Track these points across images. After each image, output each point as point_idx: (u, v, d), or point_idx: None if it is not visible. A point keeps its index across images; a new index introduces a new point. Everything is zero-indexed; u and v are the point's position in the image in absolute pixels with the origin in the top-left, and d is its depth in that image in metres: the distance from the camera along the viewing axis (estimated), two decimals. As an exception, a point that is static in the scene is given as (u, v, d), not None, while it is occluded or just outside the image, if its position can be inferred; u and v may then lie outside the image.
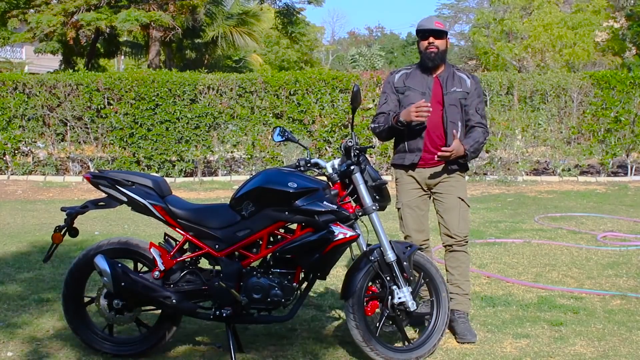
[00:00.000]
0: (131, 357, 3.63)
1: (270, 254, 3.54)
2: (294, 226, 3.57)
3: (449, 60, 4.24)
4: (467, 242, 4.10)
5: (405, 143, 4.04)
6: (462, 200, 4.07)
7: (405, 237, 4.14)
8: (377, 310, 3.63)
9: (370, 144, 11.96)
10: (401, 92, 4.09)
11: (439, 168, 4.04)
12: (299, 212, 3.43)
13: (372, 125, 4.17)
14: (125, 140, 12.16)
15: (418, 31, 4.05)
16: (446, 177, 4.05)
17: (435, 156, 3.89)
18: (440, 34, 3.99)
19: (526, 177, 12.16)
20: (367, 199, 3.54)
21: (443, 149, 3.85)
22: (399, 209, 4.15)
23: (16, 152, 12.47)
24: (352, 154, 3.56)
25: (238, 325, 3.79)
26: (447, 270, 4.13)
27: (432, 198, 4.14)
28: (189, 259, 3.59)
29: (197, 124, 12.13)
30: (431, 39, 3.98)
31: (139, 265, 3.69)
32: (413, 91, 4.04)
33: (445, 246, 4.14)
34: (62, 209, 3.64)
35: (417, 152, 4.02)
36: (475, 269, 5.53)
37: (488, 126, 4.13)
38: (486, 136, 4.06)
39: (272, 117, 12.21)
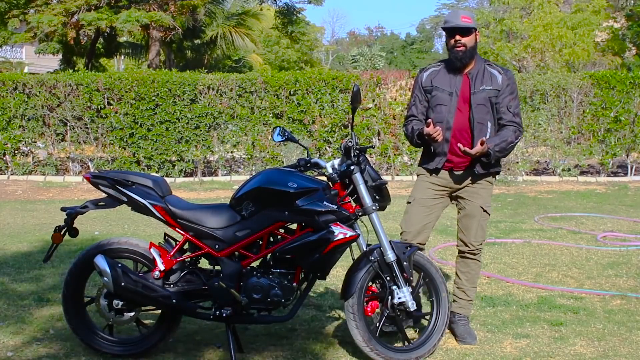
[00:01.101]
0: (131, 357, 3.63)
1: (270, 254, 3.54)
2: (294, 226, 3.57)
3: None
4: (480, 250, 4.02)
5: (431, 146, 3.87)
6: (484, 210, 3.94)
7: (401, 233, 3.99)
8: (377, 310, 3.64)
9: (370, 144, 11.96)
10: (429, 92, 3.90)
11: (466, 172, 3.88)
12: (299, 212, 3.43)
13: (404, 130, 4.04)
14: (125, 140, 12.16)
15: (444, 28, 3.82)
16: (472, 183, 3.91)
17: (459, 145, 3.71)
18: (468, 31, 3.75)
19: (526, 177, 12.16)
20: (367, 199, 3.54)
21: (465, 149, 3.68)
22: (409, 202, 3.99)
23: (16, 152, 12.46)
24: (352, 154, 3.55)
25: (238, 325, 3.79)
26: (456, 274, 4.09)
27: (454, 200, 4.01)
28: (189, 259, 3.59)
29: (197, 124, 12.13)
30: (458, 37, 3.75)
31: (139, 265, 3.69)
32: (441, 91, 3.85)
33: (459, 251, 4.07)
34: (62, 209, 3.64)
35: (442, 156, 3.86)
36: (475, 269, 5.53)
37: (522, 124, 3.92)
38: (518, 135, 3.82)
39: (272, 117, 12.21)
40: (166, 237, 3.70)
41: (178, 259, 3.57)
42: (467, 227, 3.96)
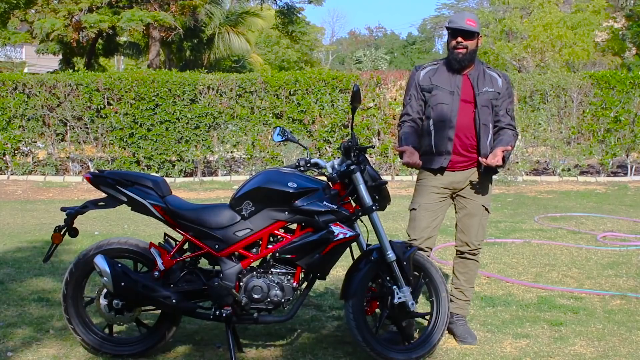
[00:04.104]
0: (131, 357, 3.63)
1: (270, 254, 3.54)
2: (294, 226, 3.57)
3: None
4: (480, 250, 4.01)
5: (433, 145, 3.82)
6: (486, 208, 3.93)
7: (410, 241, 3.92)
8: (377, 310, 3.64)
9: (370, 144, 11.96)
10: (427, 91, 3.85)
11: (470, 172, 3.86)
12: (299, 212, 3.43)
13: (398, 129, 3.98)
14: (125, 140, 12.16)
15: (448, 27, 3.80)
16: (473, 182, 3.88)
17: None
18: (471, 35, 3.72)
19: (526, 177, 12.16)
20: (367, 199, 3.54)
21: (485, 161, 3.69)
22: (414, 209, 3.93)
23: (16, 152, 12.47)
24: (352, 154, 3.55)
25: (238, 325, 3.79)
26: (453, 273, 4.07)
27: (454, 199, 3.97)
28: (188, 259, 3.59)
29: (197, 124, 12.13)
30: (460, 39, 3.72)
31: (139, 265, 3.69)
32: (441, 90, 3.81)
33: (457, 251, 4.05)
34: (62, 209, 3.64)
35: (445, 155, 3.81)
36: (475, 269, 5.53)
37: (516, 127, 3.96)
38: (516, 139, 3.87)
39: (272, 117, 12.21)
40: (166, 237, 3.70)
41: (178, 259, 3.57)
42: (468, 227, 3.94)
